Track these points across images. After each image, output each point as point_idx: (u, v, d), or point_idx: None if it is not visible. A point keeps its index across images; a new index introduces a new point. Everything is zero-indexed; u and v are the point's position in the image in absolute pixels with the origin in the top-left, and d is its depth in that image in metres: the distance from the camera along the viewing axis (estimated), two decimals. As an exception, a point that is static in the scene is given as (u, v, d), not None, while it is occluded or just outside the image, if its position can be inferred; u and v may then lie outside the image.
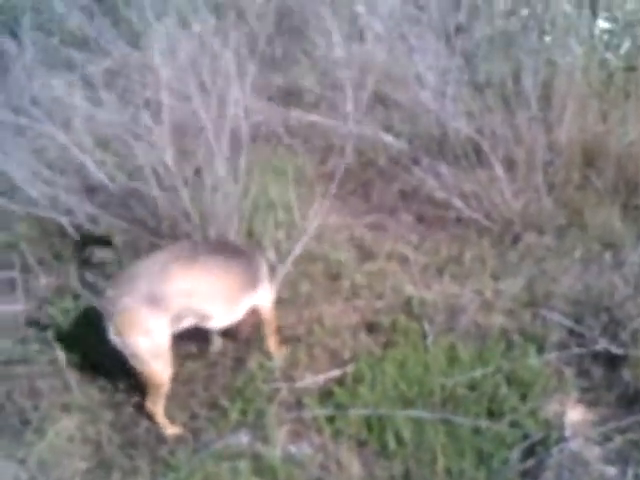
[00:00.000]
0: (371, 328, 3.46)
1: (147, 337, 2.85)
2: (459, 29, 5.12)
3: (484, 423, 2.84)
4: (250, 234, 4.02)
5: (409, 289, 3.61)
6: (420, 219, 4.16)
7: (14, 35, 5.44)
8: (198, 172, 3.86)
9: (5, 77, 4.96)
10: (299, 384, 3.19)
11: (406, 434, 2.83)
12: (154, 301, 2.85)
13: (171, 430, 3.03)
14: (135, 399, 3.14)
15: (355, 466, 2.82)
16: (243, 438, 2.99)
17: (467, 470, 2.69)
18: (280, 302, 3.61)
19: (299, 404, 3.10)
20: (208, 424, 3.06)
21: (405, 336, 3.31)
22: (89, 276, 3.72)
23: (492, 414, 2.91)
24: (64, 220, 3.93)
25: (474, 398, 2.96)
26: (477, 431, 2.83)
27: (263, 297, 3.27)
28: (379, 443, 2.87)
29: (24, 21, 5.42)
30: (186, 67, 3.99)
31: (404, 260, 3.85)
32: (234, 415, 3.06)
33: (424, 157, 4.42)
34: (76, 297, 3.61)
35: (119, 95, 4.48)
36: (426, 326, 3.35)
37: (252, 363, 3.30)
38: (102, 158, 4.15)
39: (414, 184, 4.33)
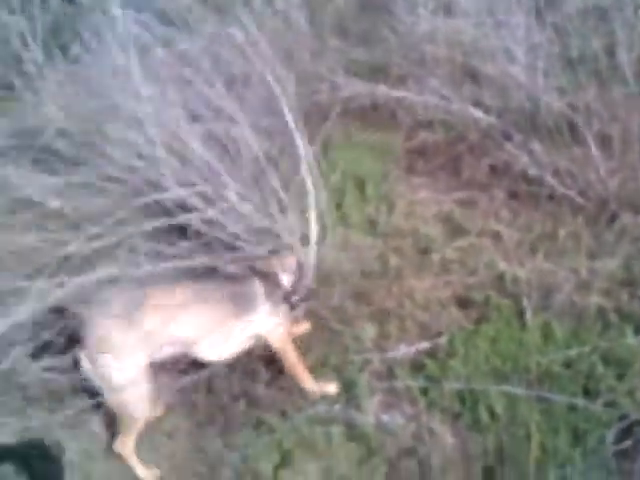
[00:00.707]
0: (463, 303, 3.45)
1: (120, 360, 2.72)
2: (549, 3, 4.99)
3: (580, 402, 2.81)
4: (339, 208, 4.05)
5: (502, 265, 3.57)
6: (512, 196, 4.07)
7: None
8: (283, 150, 3.87)
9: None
10: (390, 354, 3.22)
11: (499, 409, 2.85)
12: (129, 323, 2.74)
13: (145, 474, 2.91)
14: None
15: (448, 438, 2.85)
16: (336, 406, 3.06)
17: (562, 447, 2.68)
18: (369, 276, 3.66)
19: (391, 375, 3.14)
20: (302, 392, 3.12)
21: (498, 312, 3.28)
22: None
23: (588, 393, 2.87)
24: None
25: (570, 376, 2.93)
26: (572, 409, 2.81)
27: (264, 325, 3.09)
28: (472, 417, 2.88)
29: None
30: (271, 43, 3.99)
31: (496, 236, 3.81)
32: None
33: (515, 133, 4.32)
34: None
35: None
36: (524, 302, 3.30)
37: (344, 335, 3.34)
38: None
39: (505, 160, 4.25)
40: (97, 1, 6.28)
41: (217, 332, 2.96)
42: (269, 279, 3.15)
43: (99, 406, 2.93)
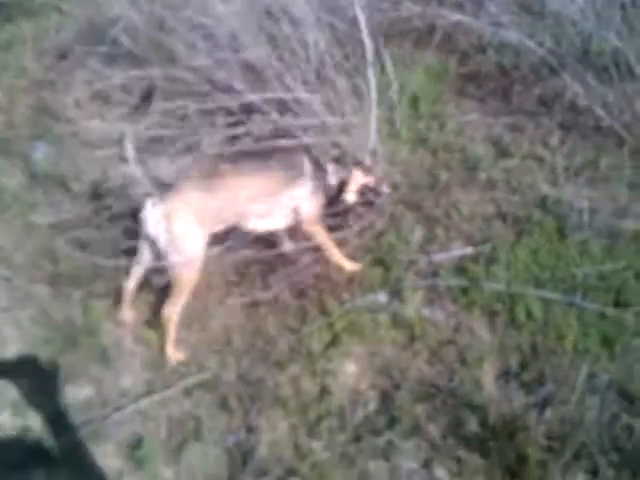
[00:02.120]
0: (505, 218, 3.66)
1: (193, 224, 2.98)
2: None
3: (610, 311, 3.06)
4: (391, 123, 4.23)
5: (544, 187, 3.77)
6: (559, 124, 4.23)
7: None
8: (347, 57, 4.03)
9: None
10: (435, 257, 3.45)
11: (536, 311, 3.09)
12: (209, 191, 3.03)
13: (175, 357, 3.11)
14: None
15: (485, 332, 3.12)
16: (382, 298, 3.32)
17: (592, 348, 2.94)
18: (418, 187, 3.87)
19: (434, 275, 3.38)
20: (351, 285, 3.37)
21: (540, 228, 3.50)
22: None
23: (618, 304, 3.11)
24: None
25: (602, 288, 3.17)
26: (603, 317, 3.05)
27: (303, 197, 3.33)
28: (509, 316, 3.13)
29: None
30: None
31: (541, 160, 3.99)
32: (375, 278, 3.38)
33: (568, 65, 4.45)
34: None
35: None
36: (565, 220, 3.50)
37: (391, 235, 3.58)
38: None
39: (555, 90, 4.39)
40: None
41: (267, 202, 3.24)
42: (317, 161, 3.42)
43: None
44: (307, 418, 2.85)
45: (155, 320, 3.22)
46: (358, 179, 3.52)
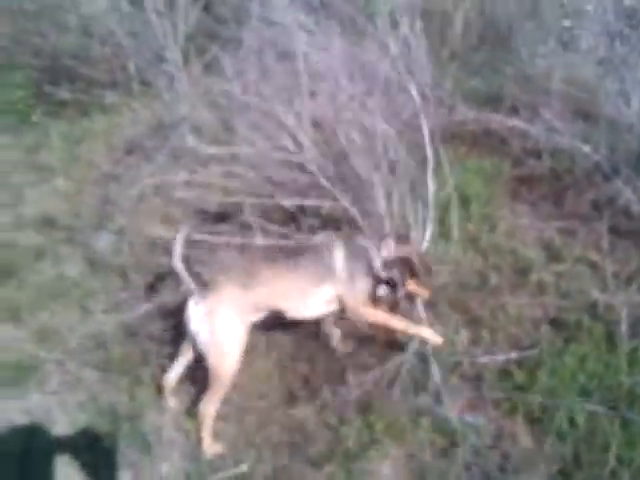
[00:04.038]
0: (554, 323, 3.63)
1: (234, 318, 3.08)
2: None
3: (657, 422, 2.96)
4: (442, 223, 4.29)
5: (595, 293, 3.73)
6: (612, 229, 4.21)
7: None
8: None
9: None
10: (480, 359, 3.43)
11: (580, 420, 3.02)
12: (245, 287, 3.13)
13: (212, 449, 3.14)
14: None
15: (527, 441, 3.05)
16: (424, 400, 3.29)
17: (636, 459, 2.83)
18: (466, 288, 3.88)
19: (478, 378, 3.35)
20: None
21: (589, 334, 3.45)
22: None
23: (667, 417, 3.01)
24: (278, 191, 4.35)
25: (652, 399, 3.08)
26: (649, 428, 2.95)
27: (342, 287, 3.34)
28: (553, 424, 3.06)
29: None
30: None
31: (593, 265, 3.97)
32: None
33: (622, 169, 4.46)
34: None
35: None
36: (616, 327, 3.44)
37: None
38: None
39: (609, 195, 4.40)
40: (233, 13, 6.82)
41: (299, 298, 3.31)
42: (355, 247, 3.43)
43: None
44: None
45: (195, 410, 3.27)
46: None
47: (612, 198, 4.37)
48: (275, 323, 3.44)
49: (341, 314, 3.46)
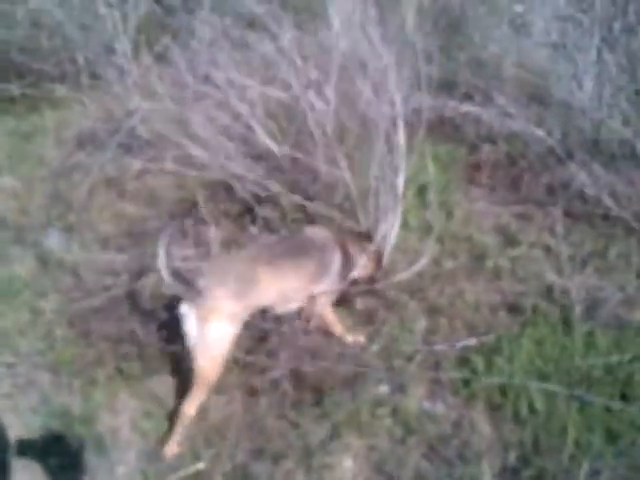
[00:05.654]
0: (511, 308, 3.63)
1: (226, 326, 3.00)
2: (623, 31, 5.13)
3: (616, 404, 2.97)
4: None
5: (551, 277, 3.74)
6: (567, 213, 4.22)
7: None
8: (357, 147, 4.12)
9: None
10: (438, 347, 3.41)
11: (539, 404, 3.02)
12: (239, 296, 3.05)
13: (172, 451, 3.07)
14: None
15: (486, 428, 3.04)
16: (383, 389, 3.27)
17: (596, 445, 2.84)
18: (424, 276, 3.85)
19: (437, 366, 3.33)
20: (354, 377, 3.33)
21: (545, 318, 3.46)
22: (254, 230, 4.10)
23: (625, 398, 3.03)
24: (234, 182, 4.28)
25: (608, 381, 3.09)
26: (608, 411, 2.97)
27: (326, 287, 3.42)
28: (512, 410, 3.05)
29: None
30: (349, 55, 4.24)
31: (548, 249, 3.98)
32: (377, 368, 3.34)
33: (576, 153, 4.49)
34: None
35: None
36: (570, 311, 3.45)
37: (395, 326, 3.55)
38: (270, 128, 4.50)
39: (564, 179, 4.41)
40: (184, 3, 6.70)
41: (294, 295, 3.35)
42: (348, 256, 3.52)
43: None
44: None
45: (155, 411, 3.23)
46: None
47: (567, 182, 4.40)
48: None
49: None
